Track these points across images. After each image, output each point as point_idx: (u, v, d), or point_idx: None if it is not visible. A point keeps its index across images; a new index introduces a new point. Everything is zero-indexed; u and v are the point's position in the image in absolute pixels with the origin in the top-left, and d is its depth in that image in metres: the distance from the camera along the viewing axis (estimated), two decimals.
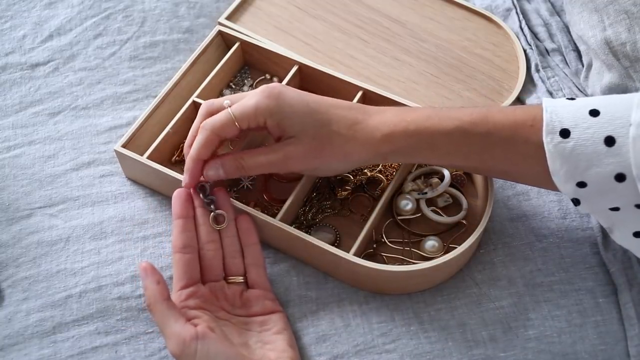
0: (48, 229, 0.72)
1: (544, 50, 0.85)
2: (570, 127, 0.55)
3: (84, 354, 0.65)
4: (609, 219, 0.58)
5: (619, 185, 0.54)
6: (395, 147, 0.62)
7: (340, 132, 0.62)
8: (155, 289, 0.59)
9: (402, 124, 0.61)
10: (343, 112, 0.63)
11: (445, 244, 0.70)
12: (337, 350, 0.64)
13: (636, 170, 0.52)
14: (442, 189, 0.72)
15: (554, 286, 0.68)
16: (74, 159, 0.77)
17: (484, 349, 0.64)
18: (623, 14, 0.72)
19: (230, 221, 0.67)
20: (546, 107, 0.57)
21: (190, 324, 0.59)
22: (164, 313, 0.59)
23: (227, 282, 0.66)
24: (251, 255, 0.67)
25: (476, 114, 0.60)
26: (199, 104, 0.76)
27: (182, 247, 0.64)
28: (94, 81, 0.84)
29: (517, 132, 0.58)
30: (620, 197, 0.55)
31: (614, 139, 0.53)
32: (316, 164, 0.64)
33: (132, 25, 0.89)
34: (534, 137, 0.57)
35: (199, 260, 0.65)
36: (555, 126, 0.56)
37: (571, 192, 0.57)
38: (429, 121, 0.61)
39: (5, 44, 0.87)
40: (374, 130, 0.62)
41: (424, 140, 0.61)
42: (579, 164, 0.55)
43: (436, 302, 0.67)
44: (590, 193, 0.56)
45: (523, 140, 0.58)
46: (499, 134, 0.59)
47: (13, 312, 0.67)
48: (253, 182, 0.75)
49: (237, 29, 0.84)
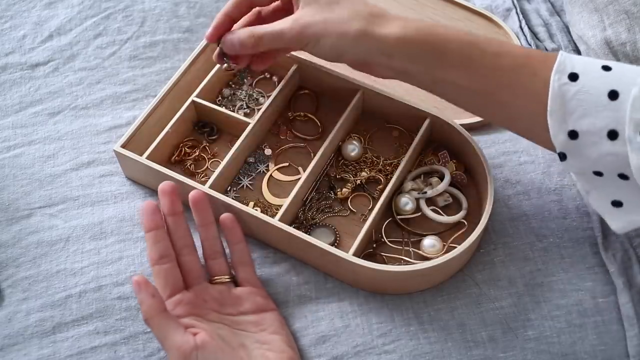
0: (48, 229, 0.72)
1: (544, 50, 0.84)
2: (580, 73, 0.54)
3: (83, 354, 0.65)
4: (589, 183, 0.57)
5: (609, 144, 0.53)
6: (403, 45, 0.61)
7: (350, 10, 0.62)
8: (152, 303, 0.59)
9: (414, 24, 0.61)
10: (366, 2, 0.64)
11: (445, 244, 0.70)
12: (336, 351, 0.64)
13: (628, 129, 0.51)
14: (442, 188, 0.72)
15: (554, 286, 0.68)
16: (73, 159, 0.77)
17: (484, 349, 0.64)
18: (623, 14, 0.72)
19: (210, 224, 0.67)
20: (562, 52, 0.57)
21: (189, 333, 0.59)
22: (163, 326, 0.59)
23: (212, 282, 0.66)
24: (238, 254, 0.67)
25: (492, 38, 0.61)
26: (198, 103, 0.76)
27: (159, 257, 0.64)
28: (93, 81, 0.84)
29: (529, 62, 0.57)
30: (607, 160, 0.54)
31: (618, 93, 0.53)
32: (320, 29, 0.63)
33: (132, 25, 0.89)
34: (544, 72, 0.56)
35: (179, 267, 0.65)
36: (566, 67, 0.55)
37: (561, 143, 0.56)
38: (444, 29, 0.60)
39: (5, 44, 0.87)
40: (385, 26, 0.61)
41: (435, 44, 0.60)
42: (577, 110, 0.54)
43: (436, 302, 0.67)
44: (579, 147, 0.55)
45: (532, 72, 0.57)
46: (511, 58, 0.58)
47: (13, 312, 0.67)
48: (253, 182, 0.75)
49: None
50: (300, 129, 0.79)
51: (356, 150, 0.75)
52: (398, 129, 0.78)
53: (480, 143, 0.75)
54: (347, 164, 0.76)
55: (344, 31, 0.62)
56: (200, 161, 0.77)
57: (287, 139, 0.78)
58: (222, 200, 0.68)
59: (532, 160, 0.76)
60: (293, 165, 0.76)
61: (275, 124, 0.79)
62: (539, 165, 0.75)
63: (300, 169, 0.76)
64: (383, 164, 0.75)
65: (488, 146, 0.77)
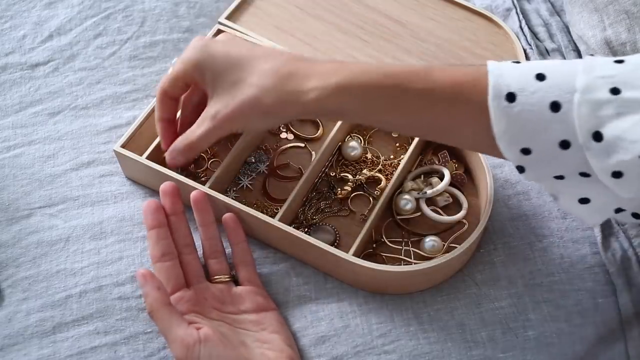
0: (48, 229, 0.72)
1: (544, 50, 0.84)
2: (517, 91, 0.52)
3: (83, 354, 0.65)
4: (553, 187, 0.56)
5: (563, 153, 0.52)
6: (325, 104, 0.58)
7: (259, 87, 0.59)
8: (156, 295, 0.60)
9: (332, 81, 0.58)
10: (267, 65, 0.60)
11: (445, 244, 0.70)
12: (336, 351, 0.64)
13: (581, 137, 0.50)
14: (442, 188, 0.72)
15: (554, 286, 0.68)
16: (73, 159, 0.77)
17: (483, 349, 0.64)
18: (623, 14, 0.72)
19: (210, 223, 0.67)
20: (491, 70, 0.54)
21: (193, 327, 0.60)
22: (166, 318, 0.60)
23: (213, 281, 0.66)
24: (240, 254, 0.67)
25: (415, 70, 0.57)
26: None
27: (161, 255, 0.65)
28: (93, 81, 0.84)
29: (461, 91, 0.55)
30: (565, 165, 0.53)
31: (560, 104, 0.51)
32: (240, 123, 0.62)
33: (132, 25, 0.88)
34: (477, 97, 0.54)
35: (180, 265, 0.66)
36: (502, 90, 0.53)
37: (515, 159, 0.54)
38: (367, 74, 0.58)
39: (5, 44, 0.87)
40: (302, 86, 0.58)
41: (357, 97, 0.58)
42: (525, 129, 0.52)
43: (436, 302, 0.67)
44: (534, 160, 0.54)
45: (465, 100, 0.55)
46: (440, 92, 0.56)
47: (13, 312, 0.67)
48: (253, 182, 0.75)
49: (237, 29, 0.84)
50: (300, 129, 0.79)
51: (356, 150, 0.75)
52: None
53: None
54: (347, 164, 0.76)
55: (263, 111, 0.60)
56: (200, 161, 0.77)
57: (287, 139, 0.78)
58: (222, 200, 0.68)
59: None
60: (293, 165, 0.76)
61: None
62: None
63: (300, 169, 0.76)
64: (383, 164, 0.75)
65: None
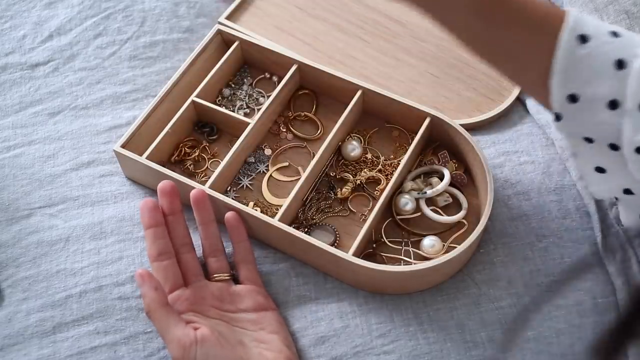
0: (48, 229, 0.72)
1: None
2: (590, 35, 0.53)
3: (83, 354, 0.65)
4: (577, 146, 0.56)
5: (607, 113, 0.52)
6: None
7: None
8: (154, 296, 0.60)
9: None
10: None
11: (445, 244, 0.69)
12: (335, 351, 0.64)
13: (630, 101, 0.50)
14: (442, 188, 0.72)
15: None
16: (73, 159, 0.77)
17: (483, 349, 0.64)
18: (623, 14, 0.72)
19: (210, 222, 0.67)
20: (573, 13, 0.54)
21: (190, 327, 0.60)
22: (164, 319, 0.60)
23: (212, 279, 0.66)
24: (241, 253, 0.67)
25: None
26: (198, 103, 0.76)
27: (158, 254, 0.65)
28: (93, 81, 0.84)
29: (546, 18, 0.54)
30: (601, 129, 0.53)
31: (624, 63, 0.51)
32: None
33: (132, 25, 0.89)
34: (555, 30, 0.54)
35: (178, 265, 0.66)
36: (577, 29, 0.53)
37: (559, 104, 0.54)
38: None
39: (5, 44, 0.87)
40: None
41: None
42: (582, 74, 0.53)
43: (435, 302, 0.67)
44: (577, 111, 0.54)
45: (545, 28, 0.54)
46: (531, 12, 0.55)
47: (13, 312, 0.67)
48: (253, 182, 0.75)
49: (237, 29, 0.84)
50: (300, 129, 0.79)
51: (356, 150, 0.75)
52: (398, 129, 0.78)
53: (480, 143, 0.75)
54: (347, 164, 0.76)
55: None
56: (200, 161, 0.77)
57: (287, 139, 0.78)
58: (222, 200, 0.68)
59: (532, 160, 0.76)
60: (293, 165, 0.76)
61: (275, 124, 0.79)
62: (539, 165, 0.75)
63: (300, 169, 0.76)
64: (383, 164, 0.75)
65: (488, 146, 0.77)
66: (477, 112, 0.79)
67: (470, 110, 0.79)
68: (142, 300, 0.67)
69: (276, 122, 0.79)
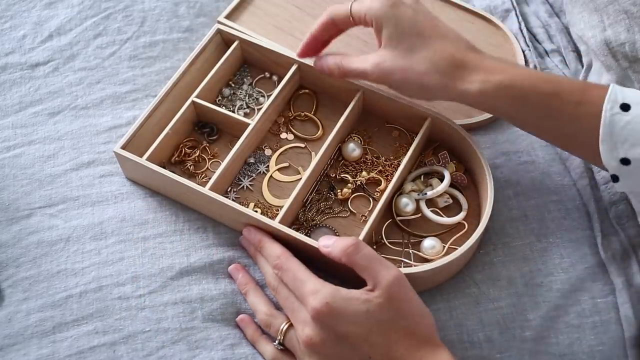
0: (48, 229, 0.72)
1: (542, 51, 0.84)
2: (632, 103, 0.57)
3: (82, 354, 0.65)
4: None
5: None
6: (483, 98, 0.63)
7: (431, 64, 0.64)
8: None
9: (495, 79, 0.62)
10: (444, 46, 0.64)
11: (445, 245, 0.69)
12: None
13: None
14: (442, 189, 0.72)
15: (553, 286, 0.68)
16: (73, 159, 0.77)
17: (480, 350, 0.64)
18: (623, 14, 0.72)
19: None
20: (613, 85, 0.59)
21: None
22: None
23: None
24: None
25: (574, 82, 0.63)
26: (198, 104, 0.76)
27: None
28: (93, 81, 0.84)
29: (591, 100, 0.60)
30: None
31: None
32: (395, 83, 0.67)
33: (132, 25, 0.88)
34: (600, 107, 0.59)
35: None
36: (617, 97, 0.58)
37: (613, 168, 0.59)
38: (527, 80, 0.62)
39: (5, 44, 0.87)
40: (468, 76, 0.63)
41: (515, 98, 0.62)
42: (628, 139, 0.57)
43: (435, 302, 0.67)
44: (631, 171, 0.58)
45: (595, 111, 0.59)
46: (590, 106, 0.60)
47: (13, 312, 0.67)
48: (253, 182, 0.75)
49: (237, 28, 0.84)
50: (300, 129, 0.79)
51: (356, 150, 0.75)
52: (398, 129, 0.78)
53: (480, 143, 0.75)
54: (347, 165, 0.76)
55: (424, 84, 0.65)
56: (201, 162, 0.77)
57: (287, 139, 0.78)
58: (222, 201, 0.68)
59: (532, 160, 0.76)
60: (293, 165, 0.76)
61: (275, 124, 0.79)
62: (539, 165, 0.75)
63: (300, 169, 0.76)
64: (383, 164, 0.75)
65: (488, 146, 0.77)
66: (477, 112, 0.79)
67: (470, 110, 0.79)
68: (142, 300, 0.67)
69: (276, 122, 0.79)
